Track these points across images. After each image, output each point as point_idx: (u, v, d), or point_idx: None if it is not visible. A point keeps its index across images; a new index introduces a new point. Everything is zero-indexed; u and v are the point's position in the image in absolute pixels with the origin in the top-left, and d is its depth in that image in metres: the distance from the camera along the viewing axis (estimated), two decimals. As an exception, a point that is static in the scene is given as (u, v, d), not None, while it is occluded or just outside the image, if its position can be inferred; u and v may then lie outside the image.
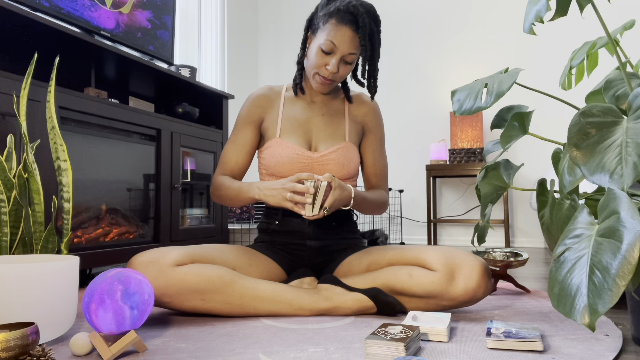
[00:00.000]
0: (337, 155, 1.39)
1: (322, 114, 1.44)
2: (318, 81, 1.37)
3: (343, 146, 1.41)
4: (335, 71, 1.33)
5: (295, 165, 1.37)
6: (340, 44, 1.30)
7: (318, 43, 1.32)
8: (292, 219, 1.40)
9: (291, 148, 1.37)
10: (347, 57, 1.33)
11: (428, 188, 3.51)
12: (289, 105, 1.45)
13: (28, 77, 1.27)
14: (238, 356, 0.93)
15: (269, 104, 1.45)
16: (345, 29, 1.29)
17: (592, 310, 0.68)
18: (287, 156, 1.37)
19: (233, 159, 1.43)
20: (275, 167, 1.38)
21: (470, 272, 1.17)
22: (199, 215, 2.55)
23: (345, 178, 1.42)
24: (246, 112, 1.44)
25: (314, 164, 1.39)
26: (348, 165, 1.40)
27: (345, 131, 1.44)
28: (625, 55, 1.16)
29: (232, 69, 3.97)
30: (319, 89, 1.39)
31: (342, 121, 1.45)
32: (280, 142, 1.38)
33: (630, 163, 0.76)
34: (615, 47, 1.00)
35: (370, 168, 1.50)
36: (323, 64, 1.34)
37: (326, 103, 1.47)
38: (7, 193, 1.19)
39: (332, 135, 1.42)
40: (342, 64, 1.35)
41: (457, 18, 3.82)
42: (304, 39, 1.40)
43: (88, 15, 2.06)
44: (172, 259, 1.17)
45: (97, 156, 1.92)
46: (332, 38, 1.30)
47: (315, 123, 1.43)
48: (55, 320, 0.99)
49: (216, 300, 1.19)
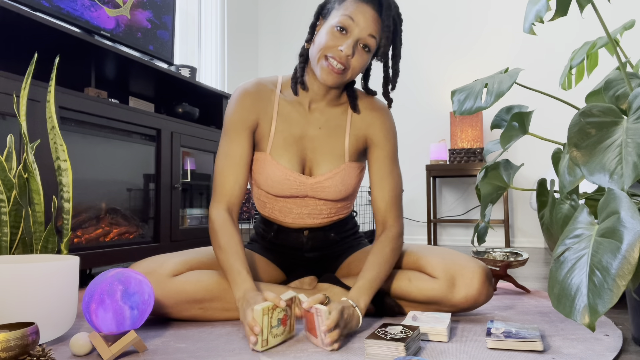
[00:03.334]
0: (334, 181, 1.23)
1: (320, 126, 1.25)
2: (325, 67, 1.13)
3: (341, 170, 1.24)
4: (350, 54, 1.10)
5: (286, 189, 1.23)
6: (360, 21, 1.10)
7: (332, 22, 1.12)
8: (290, 234, 1.32)
9: (282, 170, 1.21)
10: (367, 39, 1.11)
11: (428, 188, 3.51)
12: (284, 113, 1.24)
13: (28, 77, 1.27)
14: (238, 356, 0.93)
15: (262, 105, 1.23)
16: (367, 7, 1.11)
17: (592, 310, 0.68)
18: (277, 179, 1.22)
19: (231, 180, 1.20)
20: (264, 186, 1.25)
21: (471, 279, 1.15)
22: (199, 215, 2.54)
23: (343, 199, 1.29)
24: (239, 116, 1.21)
25: (307, 189, 1.24)
26: (346, 190, 1.26)
27: (344, 149, 1.25)
28: (625, 55, 1.16)
29: (232, 69, 3.97)
30: (325, 79, 1.14)
31: (342, 136, 1.25)
32: (270, 161, 1.22)
33: (630, 163, 0.76)
34: (615, 47, 1.00)
35: (378, 191, 1.26)
36: (335, 45, 1.11)
37: (326, 112, 1.26)
38: (7, 193, 1.19)
39: (328, 155, 1.24)
40: (357, 50, 1.13)
41: (458, 18, 3.82)
42: (312, 24, 1.20)
43: (88, 15, 2.06)
44: (169, 269, 1.15)
45: (97, 156, 1.92)
46: (351, 13, 1.10)
47: (311, 139, 1.24)
48: (55, 320, 0.99)
49: (215, 307, 1.17)
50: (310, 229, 1.32)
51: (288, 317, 1.03)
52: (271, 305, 0.97)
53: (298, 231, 1.31)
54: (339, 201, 1.29)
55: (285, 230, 1.32)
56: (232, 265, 1.10)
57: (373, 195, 1.27)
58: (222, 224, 1.16)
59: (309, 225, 1.31)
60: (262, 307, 0.95)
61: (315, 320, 0.98)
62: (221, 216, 1.17)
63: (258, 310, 0.95)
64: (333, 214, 1.32)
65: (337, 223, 1.35)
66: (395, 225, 1.24)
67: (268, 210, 1.32)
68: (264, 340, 0.96)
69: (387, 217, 1.25)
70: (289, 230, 1.32)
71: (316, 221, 1.30)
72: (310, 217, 1.29)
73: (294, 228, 1.31)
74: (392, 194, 1.25)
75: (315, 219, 1.30)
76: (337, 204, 1.30)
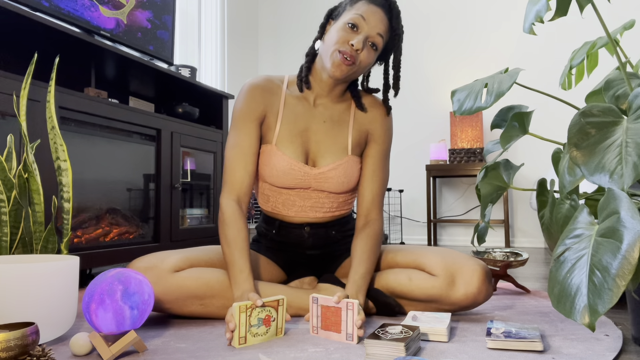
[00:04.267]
0: (337, 172, 1.27)
1: (324, 120, 1.30)
2: (336, 60, 1.19)
3: (344, 162, 1.28)
4: (360, 47, 1.18)
5: (290, 179, 1.26)
6: (371, 20, 1.19)
7: (344, 20, 1.21)
8: (291, 230, 1.33)
9: (287, 161, 1.25)
10: (375, 37, 1.20)
11: (428, 188, 3.51)
12: (290, 107, 1.29)
13: (28, 77, 1.27)
14: (238, 356, 0.93)
15: (269, 99, 1.29)
16: (377, 9, 1.20)
17: (592, 310, 0.68)
18: (282, 169, 1.26)
19: (241, 169, 1.23)
20: (269, 177, 1.28)
21: (471, 277, 1.17)
22: (199, 215, 2.55)
23: (347, 191, 1.32)
24: (247, 107, 1.26)
25: (311, 180, 1.28)
26: (348, 182, 1.29)
27: (347, 143, 1.30)
28: (625, 55, 1.16)
29: (232, 69, 3.97)
30: (334, 73, 1.20)
31: (345, 130, 1.31)
32: (276, 152, 1.26)
33: (630, 163, 0.76)
34: (615, 47, 1.00)
35: (367, 183, 1.31)
36: (347, 40, 1.19)
37: (330, 108, 1.31)
38: (7, 193, 1.19)
39: (332, 147, 1.29)
40: (367, 46, 1.21)
41: (458, 18, 3.82)
42: (322, 24, 1.28)
43: (88, 15, 2.06)
44: (171, 264, 1.16)
45: (97, 156, 1.92)
46: (363, 12, 1.19)
47: (315, 132, 1.29)
48: (55, 320, 0.99)
49: (215, 304, 1.18)
50: (312, 225, 1.33)
51: (273, 319, 1.04)
52: (250, 303, 1.00)
53: (300, 227, 1.33)
54: (340, 194, 1.32)
55: (287, 226, 1.34)
56: (235, 261, 1.14)
57: (361, 187, 1.32)
58: (231, 216, 1.19)
59: (311, 219, 1.32)
60: (239, 304, 0.98)
61: (343, 314, 1.02)
62: (231, 207, 1.21)
63: (235, 307, 0.98)
64: (335, 209, 1.33)
65: (338, 221, 1.37)
66: (378, 220, 1.30)
67: (271, 205, 1.33)
68: (242, 337, 0.99)
69: (372, 210, 1.30)
70: (291, 226, 1.33)
71: (318, 215, 1.32)
72: (313, 210, 1.31)
73: (295, 223, 1.33)
74: (380, 189, 1.32)
75: (317, 212, 1.31)
76: (338, 198, 1.32)
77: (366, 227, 1.27)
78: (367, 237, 1.25)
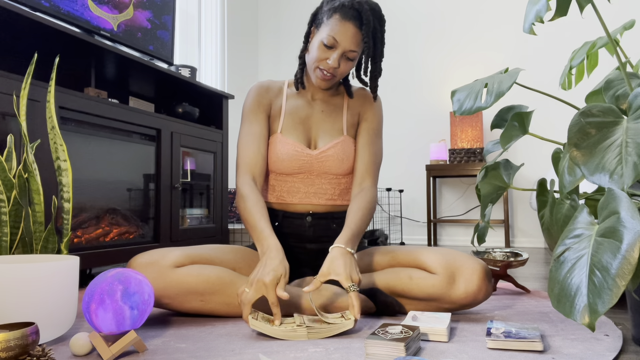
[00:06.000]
0: (336, 150, 1.37)
1: (322, 110, 1.43)
2: (319, 76, 1.33)
3: (341, 141, 1.39)
4: (336, 66, 1.29)
5: (294, 162, 1.36)
6: (342, 40, 1.27)
7: (320, 37, 1.30)
8: (294, 220, 1.39)
9: (291, 145, 1.36)
10: (349, 53, 1.30)
11: (428, 188, 3.51)
12: (291, 101, 1.43)
13: (28, 77, 1.27)
14: (238, 356, 0.93)
15: (274, 94, 1.43)
16: (349, 25, 1.27)
17: (592, 310, 0.68)
18: (287, 153, 1.35)
19: (254, 150, 1.35)
20: (274, 164, 1.37)
21: (471, 275, 1.18)
22: (199, 215, 2.55)
23: (346, 173, 1.40)
24: (256, 102, 1.40)
25: (313, 161, 1.37)
26: (347, 160, 1.38)
27: (342, 125, 1.42)
28: (625, 55, 1.16)
29: (232, 69, 3.97)
30: (319, 84, 1.35)
31: (340, 115, 1.43)
32: (281, 139, 1.37)
33: (630, 163, 0.76)
34: (615, 47, 1.00)
35: (360, 156, 1.41)
36: (324, 58, 1.30)
37: (326, 100, 1.44)
38: (7, 193, 1.19)
39: (330, 130, 1.40)
40: (343, 60, 1.32)
41: (458, 18, 3.82)
42: (307, 33, 1.37)
43: (88, 15, 2.06)
44: (172, 260, 1.18)
45: (97, 156, 1.92)
46: (335, 33, 1.27)
47: (315, 120, 1.42)
48: (55, 320, 0.99)
49: (216, 301, 1.19)
50: (314, 215, 1.38)
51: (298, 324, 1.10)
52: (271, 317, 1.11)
53: (302, 217, 1.38)
54: (341, 178, 1.40)
55: (290, 216, 1.39)
56: (256, 223, 1.22)
57: (356, 160, 1.42)
58: (249, 190, 1.28)
59: (314, 206, 1.38)
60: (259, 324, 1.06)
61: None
62: (248, 184, 1.30)
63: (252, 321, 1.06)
64: (336, 196, 1.40)
65: (339, 214, 1.41)
66: (372, 188, 1.37)
67: (277, 194, 1.39)
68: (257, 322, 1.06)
69: (366, 178, 1.38)
70: (294, 216, 1.38)
71: (321, 202, 1.38)
72: (316, 196, 1.38)
73: (299, 212, 1.38)
74: (372, 160, 1.41)
75: (320, 198, 1.38)
76: (340, 183, 1.40)
77: (360, 193, 1.34)
78: (361, 199, 1.32)
